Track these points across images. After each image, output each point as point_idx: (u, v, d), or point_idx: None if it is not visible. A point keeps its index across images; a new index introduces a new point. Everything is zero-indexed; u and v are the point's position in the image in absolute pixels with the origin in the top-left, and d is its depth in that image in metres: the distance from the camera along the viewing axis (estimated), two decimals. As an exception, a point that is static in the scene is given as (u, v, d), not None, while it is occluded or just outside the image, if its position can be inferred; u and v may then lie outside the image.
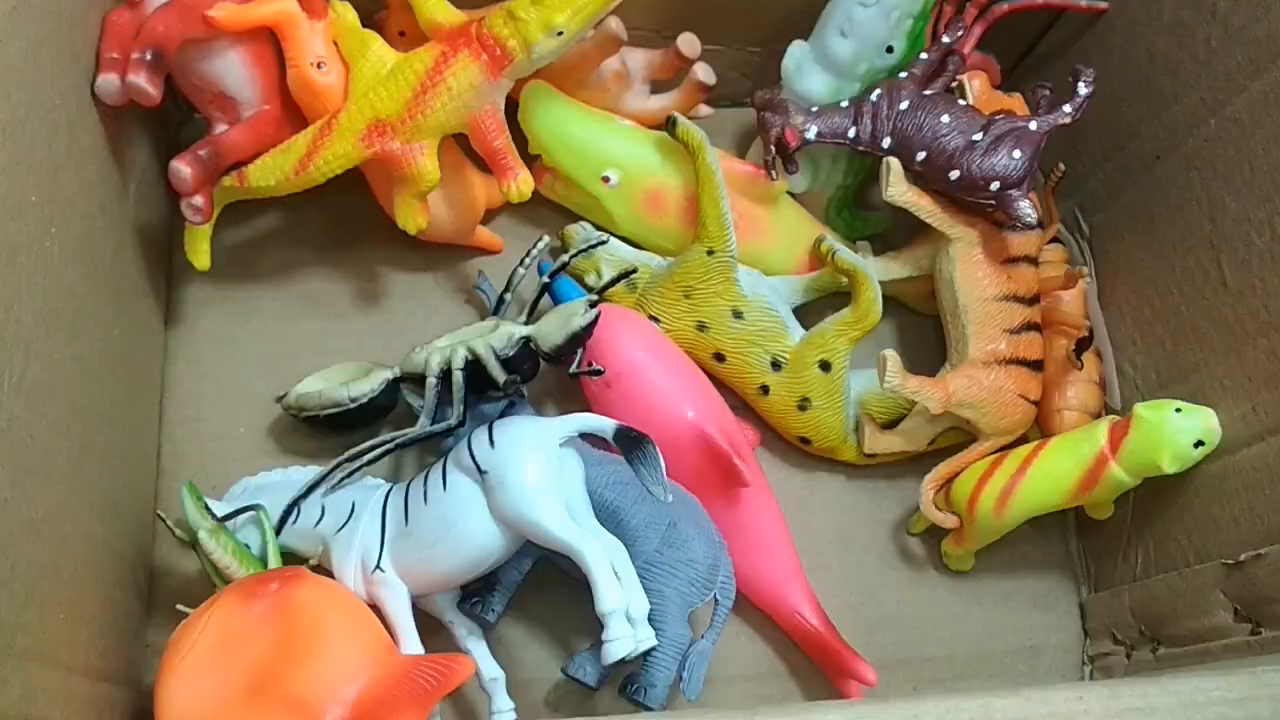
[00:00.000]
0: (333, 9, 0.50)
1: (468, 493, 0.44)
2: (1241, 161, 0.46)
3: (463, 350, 0.48)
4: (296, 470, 0.50)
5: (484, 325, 0.51)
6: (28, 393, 0.37)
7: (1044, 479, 0.50)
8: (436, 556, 0.45)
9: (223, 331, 0.56)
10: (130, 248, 0.50)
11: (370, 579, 0.46)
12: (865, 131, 0.52)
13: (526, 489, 0.43)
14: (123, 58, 0.44)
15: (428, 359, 0.49)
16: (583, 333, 0.48)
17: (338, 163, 0.49)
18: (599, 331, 0.50)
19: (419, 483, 0.47)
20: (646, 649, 0.44)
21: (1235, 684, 0.28)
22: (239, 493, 0.49)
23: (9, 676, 0.34)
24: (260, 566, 0.46)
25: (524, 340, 0.49)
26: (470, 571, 0.46)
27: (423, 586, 0.46)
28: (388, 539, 0.46)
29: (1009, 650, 0.54)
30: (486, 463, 0.44)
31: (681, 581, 0.47)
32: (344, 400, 0.50)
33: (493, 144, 0.49)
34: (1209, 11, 0.48)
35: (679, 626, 0.47)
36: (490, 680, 0.48)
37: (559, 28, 0.47)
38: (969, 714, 0.28)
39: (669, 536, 0.47)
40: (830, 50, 0.54)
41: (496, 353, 0.48)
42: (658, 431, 0.48)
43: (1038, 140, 0.50)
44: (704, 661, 0.47)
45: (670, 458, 0.48)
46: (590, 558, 0.42)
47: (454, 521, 0.44)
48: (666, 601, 0.47)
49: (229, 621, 0.40)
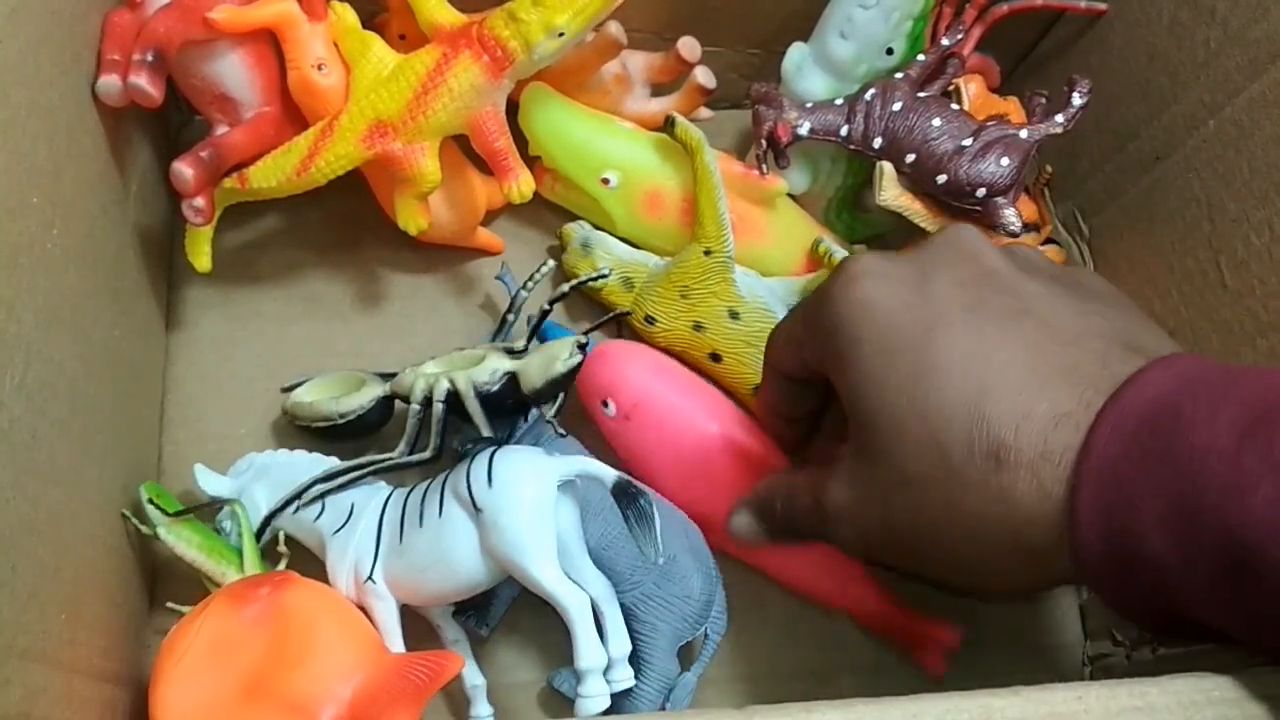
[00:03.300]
0: (333, 11, 0.50)
1: (461, 525, 0.44)
2: (1241, 162, 0.46)
3: (445, 381, 0.47)
4: (302, 454, 0.50)
5: (474, 354, 0.50)
6: (29, 393, 0.37)
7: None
8: (427, 580, 0.45)
9: (224, 333, 0.56)
10: (131, 249, 0.50)
11: (361, 588, 0.46)
12: (857, 130, 0.52)
13: (520, 536, 0.42)
14: (124, 59, 0.44)
15: (413, 384, 0.48)
16: (564, 379, 0.46)
17: (339, 164, 0.49)
18: (607, 373, 0.50)
19: (416, 499, 0.46)
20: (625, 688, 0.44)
21: (1235, 685, 0.28)
22: (244, 468, 0.50)
23: (10, 676, 0.34)
24: (235, 557, 0.46)
25: (508, 376, 0.47)
26: (460, 595, 0.46)
27: (413, 601, 0.47)
28: (381, 552, 0.46)
29: (1009, 650, 0.54)
30: (482, 501, 0.43)
31: (675, 616, 0.47)
32: (333, 415, 0.50)
33: (494, 145, 0.49)
34: (1208, 13, 0.48)
35: (667, 661, 0.47)
36: (472, 686, 0.48)
37: (560, 29, 0.47)
38: (968, 714, 0.28)
39: (668, 570, 0.47)
40: (830, 52, 0.54)
41: (478, 388, 0.47)
42: (687, 451, 0.48)
43: (1027, 149, 0.50)
44: (688, 694, 0.47)
45: (703, 473, 0.49)
46: (574, 613, 0.42)
47: (446, 550, 0.44)
48: (658, 635, 0.47)
49: (221, 626, 0.41)
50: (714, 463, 0.50)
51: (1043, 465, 0.31)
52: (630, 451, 0.51)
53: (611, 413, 0.51)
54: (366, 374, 0.53)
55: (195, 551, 0.46)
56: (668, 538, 0.46)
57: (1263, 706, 0.28)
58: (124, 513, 0.46)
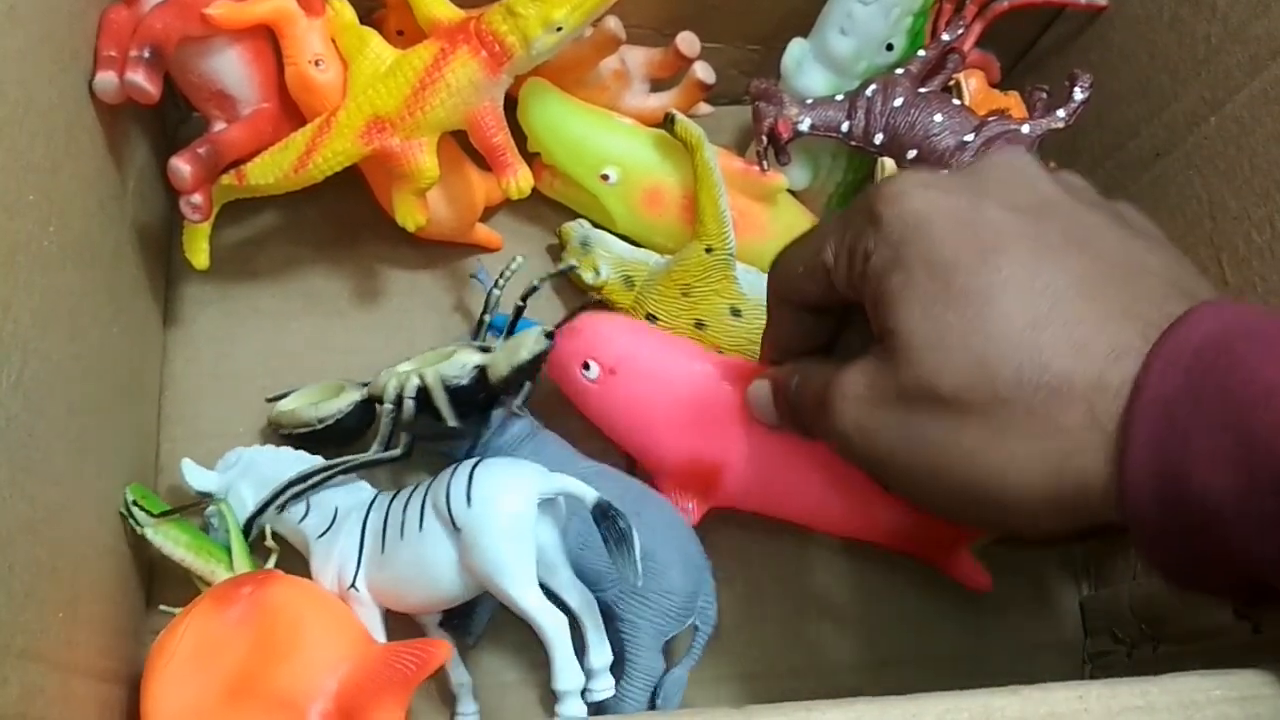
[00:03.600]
0: (330, 7, 0.50)
1: (441, 541, 0.44)
2: (1242, 159, 0.46)
3: (415, 378, 0.47)
4: (288, 450, 0.50)
5: (446, 350, 0.50)
6: (26, 391, 0.37)
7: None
8: (408, 591, 0.45)
9: (222, 330, 0.56)
10: (129, 246, 0.50)
11: (345, 594, 0.46)
12: (858, 126, 0.52)
13: (499, 557, 0.42)
14: (121, 55, 0.44)
15: (386, 384, 0.48)
16: (529, 365, 0.46)
17: (337, 160, 0.49)
18: (585, 336, 0.48)
19: (399, 509, 0.46)
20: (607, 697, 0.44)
21: (1235, 684, 0.28)
22: (232, 461, 0.49)
23: (8, 676, 0.34)
24: (224, 555, 0.46)
25: (478, 370, 0.47)
26: (442, 606, 0.46)
27: (397, 609, 0.47)
28: (364, 560, 0.46)
29: (1009, 650, 0.54)
30: (461, 520, 0.43)
31: (655, 612, 0.46)
32: (312, 421, 0.50)
33: (492, 140, 0.49)
34: (1209, 9, 0.47)
35: (651, 658, 0.46)
36: (458, 684, 0.48)
37: (558, 23, 0.47)
38: (968, 713, 0.28)
39: (645, 566, 0.46)
40: (830, 48, 0.54)
41: (447, 382, 0.47)
42: (681, 392, 0.47)
43: (1029, 144, 0.50)
44: (679, 690, 0.47)
45: (701, 415, 0.47)
46: (552, 634, 0.42)
47: (425, 565, 0.44)
48: (639, 632, 0.46)
49: (206, 627, 0.41)
50: (711, 400, 0.47)
51: (1098, 397, 0.30)
52: (619, 410, 0.49)
53: (594, 374, 0.48)
54: (347, 381, 0.53)
55: (184, 551, 0.46)
56: (645, 531, 0.46)
57: (1263, 706, 0.28)
58: (121, 511, 0.46)
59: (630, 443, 0.50)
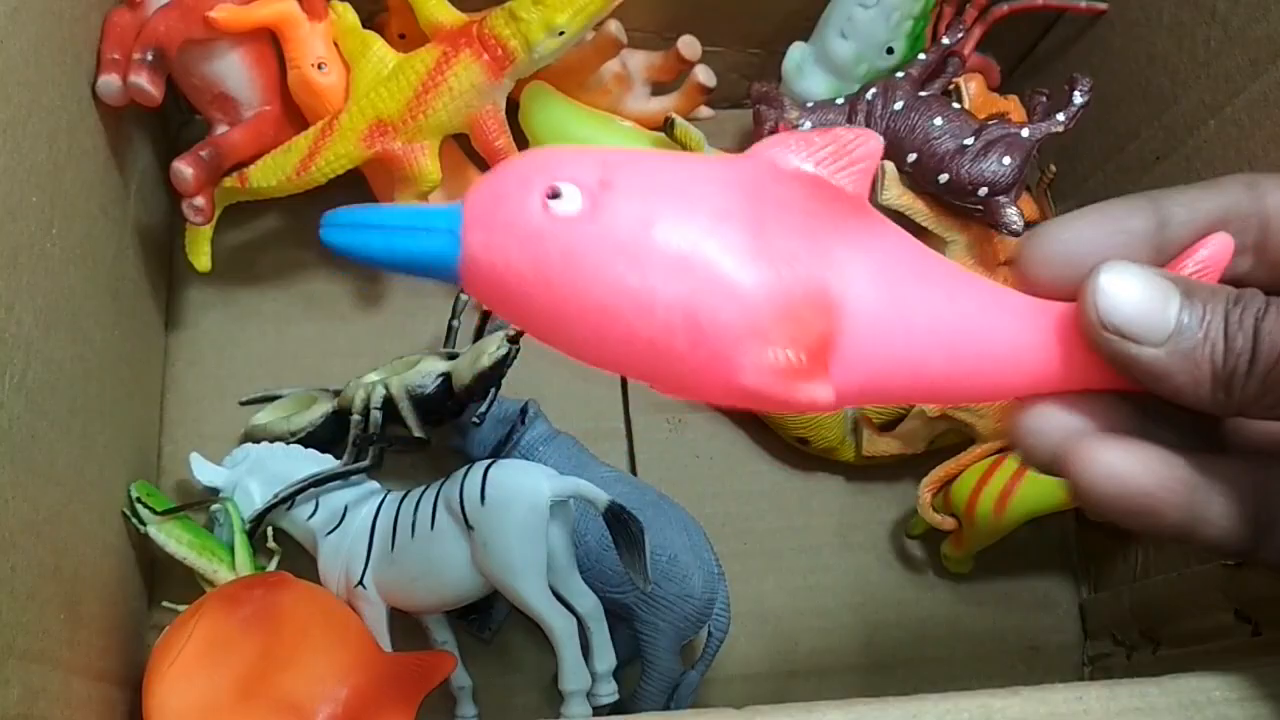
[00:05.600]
0: (333, 10, 0.50)
1: (453, 540, 0.44)
2: (1241, 163, 0.46)
3: (381, 389, 0.48)
4: (299, 449, 0.50)
5: (413, 359, 0.50)
6: (29, 393, 0.37)
7: (1044, 480, 0.50)
8: (417, 590, 0.46)
9: (223, 333, 0.56)
10: (131, 249, 0.50)
11: (352, 592, 0.47)
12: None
13: (510, 557, 0.43)
14: (124, 58, 0.44)
15: (354, 395, 0.48)
16: (490, 371, 0.46)
17: (339, 163, 0.49)
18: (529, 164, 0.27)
19: (409, 508, 0.46)
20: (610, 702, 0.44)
21: (1235, 684, 0.28)
22: (240, 459, 0.50)
23: (9, 677, 0.34)
24: (226, 555, 0.46)
25: (443, 377, 0.47)
26: (450, 606, 0.47)
27: (404, 608, 0.47)
28: (372, 558, 0.47)
29: (1009, 650, 0.54)
30: (474, 519, 0.43)
31: (676, 616, 0.46)
32: (284, 434, 0.51)
33: (494, 144, 0.49)
34: (1208, 12, 0.48)
35: (669, 660, 0.47)
36: (459, 688, 0.48)
37: (560, 27, 0.47)
38: (968, 714, 0.28)
39: (668, 571, 0.46)
40: (831, 51, 0.54)
41: (412, 392, 0.47)
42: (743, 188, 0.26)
43: (1029, 148, 0.50)
44: (691, 691, 0.47)
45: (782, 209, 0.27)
46: (561, 635, 0.43)
47: (436, 563, 0.45)
48: (659, 635, 0.47)
49: (215, 628, 0.41)
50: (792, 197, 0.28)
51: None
52: (640, 245, 0.24)
53: (574, 202, 0.25)
54: (319, 391, 0.53)
55: (186, 549, 0.46)
56: (668, 536, 0.46)
57: (1263, 706, 0.28)
58: (124, 512, 0.47)
59: (668, 292, 0.24)
